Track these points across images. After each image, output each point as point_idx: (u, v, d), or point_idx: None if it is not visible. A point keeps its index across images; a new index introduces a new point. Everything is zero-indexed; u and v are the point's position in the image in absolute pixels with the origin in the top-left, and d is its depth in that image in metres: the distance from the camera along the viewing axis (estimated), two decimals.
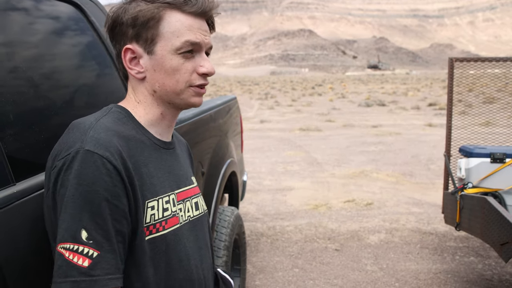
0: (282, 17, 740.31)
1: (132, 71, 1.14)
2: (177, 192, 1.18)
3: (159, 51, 1.11)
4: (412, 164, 8.77)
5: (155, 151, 1.15)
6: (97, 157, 0.98)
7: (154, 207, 1.08)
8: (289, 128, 14.82)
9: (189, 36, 1.11)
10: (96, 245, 0.95)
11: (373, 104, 24.18)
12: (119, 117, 1.12)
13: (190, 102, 1.16)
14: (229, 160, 3.30)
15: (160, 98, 1.15)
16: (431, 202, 6.19)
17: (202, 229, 1.26)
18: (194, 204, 1.24)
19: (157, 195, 1.10)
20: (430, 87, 44.40)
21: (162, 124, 1.19)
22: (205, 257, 1.25)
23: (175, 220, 1.14)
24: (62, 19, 1.65)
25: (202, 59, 1.15)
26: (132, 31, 1.11)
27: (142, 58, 1.13)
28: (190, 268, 1.16)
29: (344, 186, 7.11)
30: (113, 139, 1.03)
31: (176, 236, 1.13)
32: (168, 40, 1.11)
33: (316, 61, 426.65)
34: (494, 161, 3.82)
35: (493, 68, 4.88)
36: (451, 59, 4.53)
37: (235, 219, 3.14)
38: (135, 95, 1.17)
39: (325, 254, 4.50)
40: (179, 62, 1.12)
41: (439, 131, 12.78)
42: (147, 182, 1.08)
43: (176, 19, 1.11)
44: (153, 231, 1.07)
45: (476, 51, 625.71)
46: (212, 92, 40.09)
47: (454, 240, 4.82)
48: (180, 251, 1.13)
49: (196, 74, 1.14)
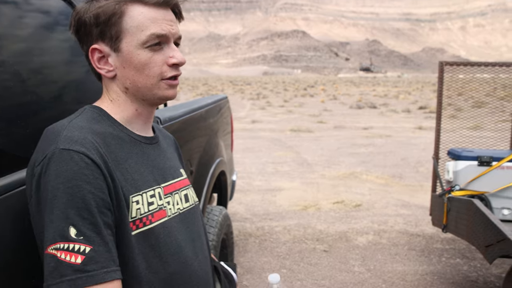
0: (275, 17, 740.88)
1: (101, 71, 1.12)
2: (163, 185, 1.16)
3: (125, 47, 1.09)
4: (402, 166, 8.82)
5: (136, 146, 1.14)
6: (73, 153, 0.97)
7: (139, 202, 1.07)
8: (280, 128, 14.84)
9: (154, 29, 1.08)
10: (87, 240, 0.93)
11: (364, 106, 24.28)
12: (93, 116, 1.11)
13: (163, 96, 1.14)
14: (218, 160, 3.31)
15: (133, 95, 1.14)
16: (419, 204, 6.24)
17: (194, 221, 1.24)
18: (183, 196, 1.23)
19: (140, 189, 1.09)
20: (421, 91, 44.68)
21: (139, 121, 1.18)
22: (200, 249, 1.23)
23: (162, 213, 1.12)
24: (52, 14, 1.64)
25: (171, 49, 1.12)
26: (96, 30, 1.08)
27: (110, 56, 1.11)
28: (184, 261, 1.14)
29: (333, 187, 7.14)
30: (88, 136, 1.03)
31: (165, 229, 1.11)
32: (132, 35, 1.08)
33: (309, 62, 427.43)
34: (481, 164, 3.86)
35: (482, 73, 4.93)
36: (441, 63, 4.57)
37: (223, 218, 3.15)
38: (108, 94, 1.16)
39: (313, 255, 4.51)
40: (147, 56, 1.09)
41: (428, 134, 12.87)
42: (129, 178, 1.07)
43: (139, 12, 1.08)
44: (140, 226, 1.06)
45: (467, 56, 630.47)
46: (203, 91, 40.03)
47: (441, 242, 4.85)
48: (171, 243, 1.12)
49: (166, 66, 1.12)
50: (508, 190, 3.77)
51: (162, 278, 1.09)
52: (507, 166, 3.81)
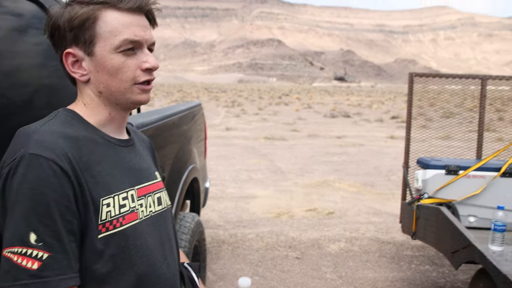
0: (251, 26, 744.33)
1: (75, 75, 1.13)
2: (137, 187, 1.17)
3: (98, 51, 1.10)
4: (374, 175, 8.95)
5: (110, 149, 1.15)
6: (42, 159, 0.98)
7: (110, 204, 1.08)
8: (254, 136, 14.88)
9: (128, 34, 1.10)
10: (46, 247, 0.95)
11: (338, 115, 24.56)
12: (66, 119, 1.11)
13: (136, 100, 1.15)
14: (191, 166, 3.31)
15: (107, 99, 1.14)
16: (390, 212, 6.34)
17: (165, 224, 1.25)
18: (156, 199, 1.24)
19: (113, 192, 1.09)
20: (394, 101, 45.45)
21: (112, 125, 1.18)
22: (169, 252, 1.24)
23: (134, 215, 1.13)
24: (25, 17, 1.63)
25: (144, 54, 1.14)
26: (70, 34, 1.09)
27: (83, 60, 1.12)
28: (153, 263, 1.15)
29: (306, 195, 7.20)
30: (59, 141, 1.03)
31: (136, 231, 1.12)
32: (106, 39, 1.09)
33: (284, 71, 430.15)
34: (448, 173, 3.96)
35: (452, 84, 5.07)
36: (411, 74, 4.69)
37: (196, 225, 3.14)
38: (82, 98, 1.16)
39: (286, 262, 4.54)
40: (120, 60, 1.11)
41: (400, 143, 13.08)
42: (101, 180, 1.07)
43: (112, 18, 1.10)
44: (109, 228, 1.06)
45: (438, 67, 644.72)
46: (178, 98, 39.85)
47: (411, 249, 4.94)
48: (141, 246, 1.12)
49: (140, 71, 1.13)
50: (474, 198, 3.87)
51: (129, 280, 1.09)
52: (473, 175, 3.92)
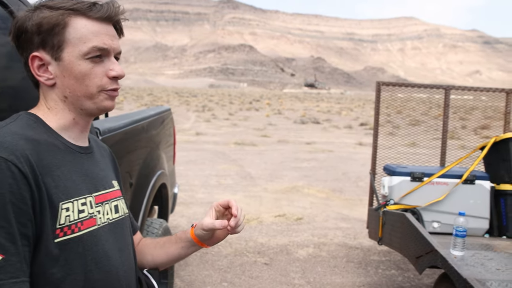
0: (223, 31, 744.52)
1: (41, 78, 1.13)
2: (95, 194, 1.18)
3: (66, 57, 1.11)
4: (342, 181, 9.06)
5: (70, 154, 1.15)
6: (1, 160, 0.97)
7: (69, 209, 1.08)
8: (224, 141, 14.86)
9: (96, 42, 1.12)
10: (1, 249, 0.94)
11: (308, 121, 24.78)
12: (28, 122, 1.12)
13: (102, 106, 1.17)
14: (159, 172, 3.28)
15: (72, 103, 1.15)
16: (358, 217, 6.43)
17: (122, 232, 1.26)
18: (113, 207, 1.25)
19: (72, 197, 1.09)
20: (363, 108, 46.17)
21: (75, 129, 1.19)
22: (126, 259, 1.25)
23: (92, 221, 1.13)
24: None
25: (111, 63, 1.16)
26: (37, 38, 1.10)
27: (50, 64, 1.13)
28: (109, 270, 1.15)
29: (276, 201, 7.22)
30: (20, 142, 1.03)
31: (93, 237, 1.12)
32: (75, 46, 1.11)
33: (255, 77, 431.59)
34: (413, 180, 4.05)
35: (419, 93, 5.19)
36: (379, 83, 4.78)
37: (164, 231, 3.12)
38: (46, 102, 1.17)
39: (254, 268, 4.54)
40: (87, 67, 1.12)
41: (368, 150, 13.24)
42: (61, 184, 1.08)
43: (82, 25, 1.12)
44: (67, 233, 1.06)
45: (405, 76, 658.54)
46: (148, 102, 39.45)
47: (378, 254, 5.02)
48: (98, 252, 1.13)
49: (107, 78, 1.15)
50: (437, 204, 3.97)
51: (84, 286, 1.09)
52: (437, 182, 4.03)
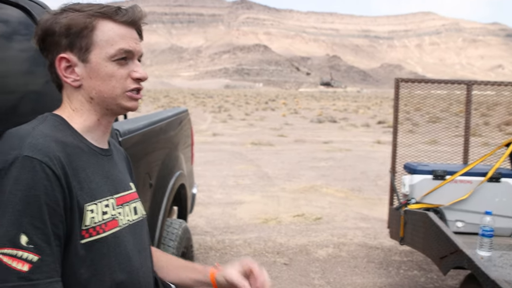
0: (238, 31, 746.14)
1: (68, 79, 1.17)
2: (116, 196, 1.21)
3: (93, 58, 1.15)
4: (361, 180, 8.98)
5: (93, 156, 1.18)
6: (36, 162, 1.00)
7: (94, 210, 1.11)
8: (241, 142, 14.86)
9: (123, 44, 1.17)
10: (37, 250, 0.96)
11: (324, 120, 24.67)
12: (55, 124, 1.14)
13: (126, 106, 1.21)
14: (178, 173, 3.27)
15: (98, 104, 1.19)
16: (378, 217, 6.35)
17: (141, 234, 1.29)
18: (133, 209, 1.28)
19: (96, 198, 1.12)
20: (380, 106, 45.81)
21: (99, 130, 1.22)
22: (145, 260, 1.28)
23: (115, 223, 1.17)
24: (11, 23, 1.61)
25: (135, 65, 1.21)
26: (65, 40, 1.14)
27: (77, 66, 1.16)
28: (131, 270, 1.18)
29: (294, 201, 7.18)
30: (52, 144, 1.05)
31: (116, 238, 1.15)
32: (102, 48, 1.15)
33: (270, 76, 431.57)
34: (435, 178, 3.97)
35: (438, 89, 5.10)
36: (397, 80, 4.71)
37: (183, 232, 3.11)
38: (71, 103, 1.20)
39: (274, 268, 4.51)
40: (113, 68, 1.16)
41: (387, 148, 13.14)
42: (86, 186, 1.11)
43: (109, 28, 1.16)
44: (93, 234, 1.09)
45: (423, 72, 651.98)
46: (165, 103, 39.71)
47: (399, 254, 4.95)
48: (121, 253, 1.16)
49: (130, 80, 1.20)
50: (461, 203, 3.89)
51: (108, 286, 1.12)
52: (460, 180, 3.94)
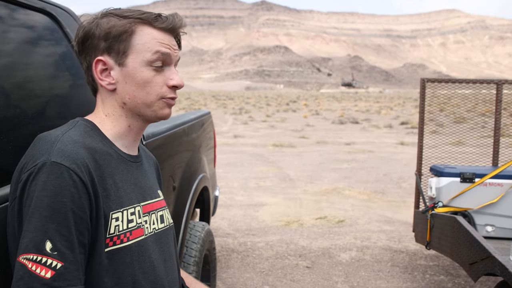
0: (258, 33, 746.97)
1: (103, 82, 1.16)
2: (143, 204, 1.20)
3: (130, 63, 1.15)
4: (384, 182, 8.87)
5: (122, 163, 1.18)
6: (63, 168, 1.00)
7: (119, 218, 1.10)
8: (262, 143, 14.85)
9: (160, 48, 1.16)
10: (60, 257, 0.96)
11: (346, 121, 24.48)
12: (85, 130, 1.14)
13: (160, 114, 1.20)
14: (201, 175, 3.28)
15: (130, 110, 1.18)
16: (402, 220, 6.26)
17: (167, 242, 1.28)
18: (159, 217, 1.27)
19: (122, 206, 1.12)
20: (403, 106, 45.28)
21: (129, 137, 1.22)
22: (171, 269, 1.27)
23: (140, 231, 1.16)
24: (37, 29, 1.63)
25: (171, 72, 1.20)
26: (104, 44, 1.14)
27: (113, 69, 1.16)
28: (155, 280, 1.17)
29: (316, 203, 7.14)
30: (80, 151, 1.05)
31: (141, 247, 1.14)
32: (139, 52, 1.15)
33: (291, 78, 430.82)
34: (464, 181, 3.89)
35: (463, 89, 5.01)
36: (423, 80, 4.63)
37: (206, 234, 3.11)
38: (104, 108, 1.20)
39: (296, 271, 4.48)
40: (150, 74, 1.16)
41: (411, 150, 13.00)
42: (112, 194, 1.10)
43: (148, 33, 1.16)
44: (117, 242, 1.08)
45: (448, 71, 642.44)
46: (186, 106, 39.97)
47: (425, 258, 4.87)
48: (145, 262, 1.15)
49: (166, 87, 1.18)
50: (491, 207, 3.80)
51: None
52: (490, 183, 3.85)
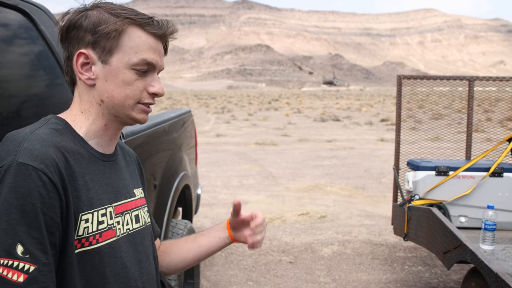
0: (239, 32, 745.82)
1: (82, 76, 1.13)
2: (115, 205, 1.16)
3: (114, 62, 1.12)
4: (365, 178, 8.99)
5: (93, 163, 1.14)
6: (31, 169, 0.96)
7: (89, 220, 1.06)
8: (245, 142, 14.88)
9: (147, 55, 1.13)
10: (33, 259, 0.93)
11: (328, 119, 24.66)
12: (56, 128, 1.10)
13: (135, 118, 1.17)
14: (182, 174, 3.30)
15: (107, 109, 1.14)
16: (382, 214, 6.36)
17: (142, 242, 1.24)
18: (134, 217, 1.23)
19: (93, 207, 1.08)
20: (383, 103, 45.73)
21: (105, 135, 1.18)
22: (146, 270, 1.23)
23: (111, 233, 1.12)
24: (10, 27, 1.61)
25: (153, 79, 1.17)
26: (90, 37, 1.10)
27: (95, 65, 1.12)
28: (127, 281, 1.14)
29: (298, 200, 7.20)
30: (49, 150, 1.01)
31: (112, 249, 1.11)
32: (126, 54, 1.12)
33: (273, 76, 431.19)
34: (438, 174, 3.99)
35: (440, 86, 5.11)
36: (399, 77, 4.72)
37: (188, 232, 3.13)
38: (81, 104, 1.16)
39: (279, 267, 4.54)
40: (132, 78, 1.13)
41: (390, 146, 13.15)
42: (83, 194, 1.06)
43: (138, 36, 1.12)
44: (85, 244, 1.05)
45: (426, 69, 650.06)
46: (168, 105, 39.74)
47: (404, 250, 4.97)
48: (116, 264, 1.11)
49: (145, 93, 1.16)
50: (464, 199, 3.90)
51: None
52: (463, 175, 3.96)
